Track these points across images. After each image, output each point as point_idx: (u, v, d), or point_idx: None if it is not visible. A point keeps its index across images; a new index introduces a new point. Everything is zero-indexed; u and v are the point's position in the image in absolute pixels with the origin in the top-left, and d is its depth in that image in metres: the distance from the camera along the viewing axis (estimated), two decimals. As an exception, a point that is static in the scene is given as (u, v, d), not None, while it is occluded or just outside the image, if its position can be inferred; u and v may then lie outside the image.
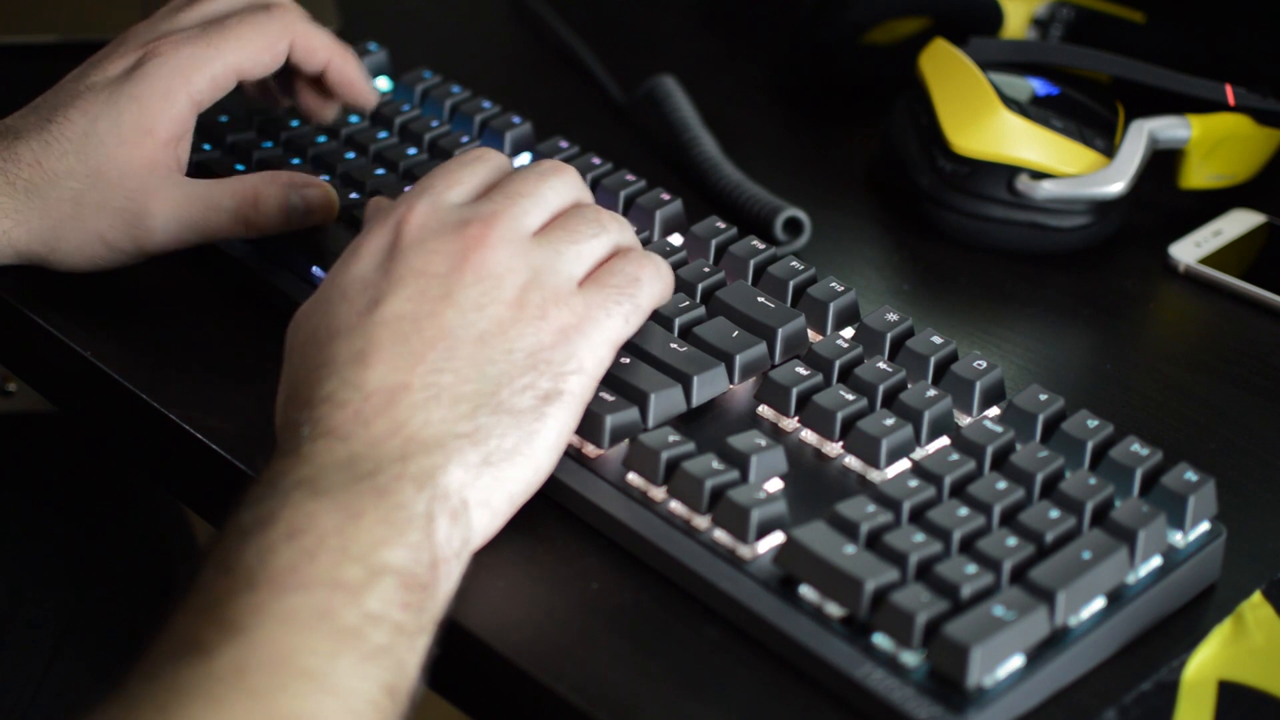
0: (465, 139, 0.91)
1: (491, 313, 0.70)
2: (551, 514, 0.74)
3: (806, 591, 0.68)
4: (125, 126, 0.81)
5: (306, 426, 0.68)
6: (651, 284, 0.74)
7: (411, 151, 0.89)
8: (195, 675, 0.60)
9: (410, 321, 0.69)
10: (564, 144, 0.90)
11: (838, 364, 0.76)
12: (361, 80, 0.88)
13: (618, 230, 0.75)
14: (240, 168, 0.88)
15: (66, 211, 0.81)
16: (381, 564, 0.64)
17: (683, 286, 0.80)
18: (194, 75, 0.82)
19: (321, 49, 0.86)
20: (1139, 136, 0.92)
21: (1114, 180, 0.91)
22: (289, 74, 0.88)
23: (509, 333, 0.70)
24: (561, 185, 0.75)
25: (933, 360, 0.77)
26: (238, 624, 0.61)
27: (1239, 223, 0.95)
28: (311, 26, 0.85)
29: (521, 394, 0.69)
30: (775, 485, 0.72)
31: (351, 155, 0.89)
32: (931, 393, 0.75)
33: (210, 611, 0.62)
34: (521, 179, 0.74)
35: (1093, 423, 0.73)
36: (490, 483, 0.68)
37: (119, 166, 0.81)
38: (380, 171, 0.88)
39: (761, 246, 0.83)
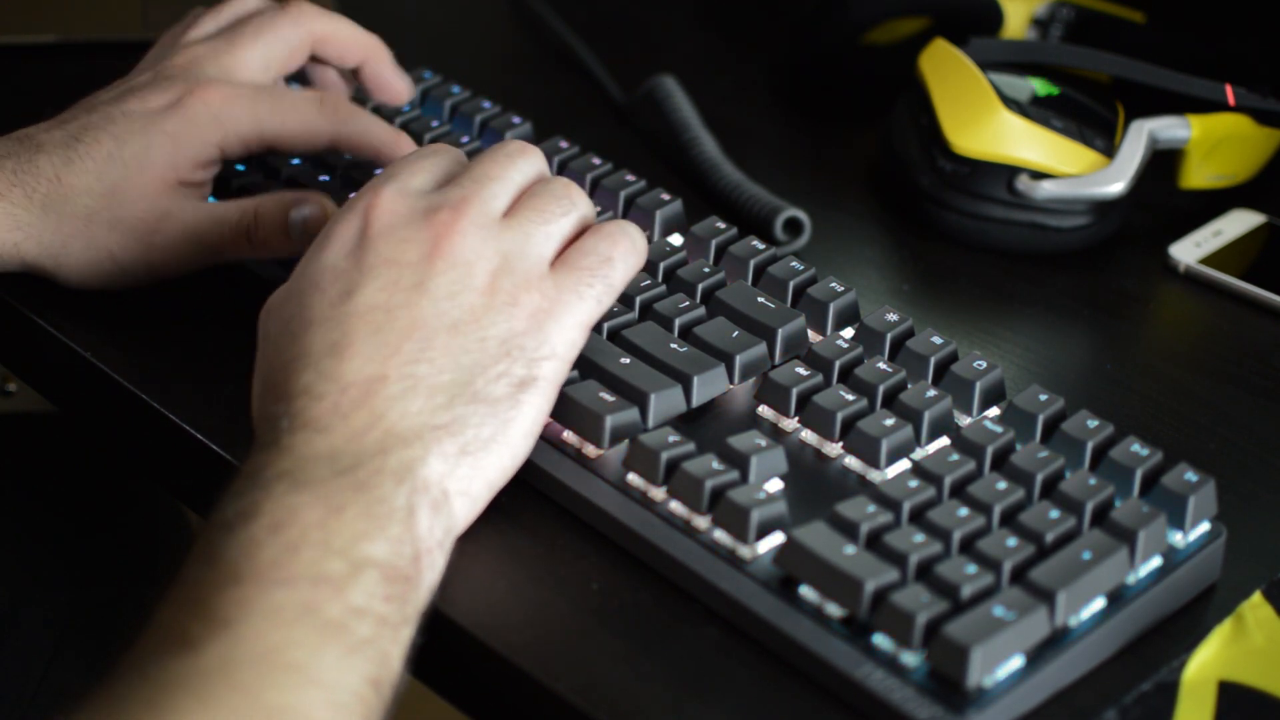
0: (465, 139, 0.91)
1: (464, 301, 0.70)
2: (552, 514, 0.74)
3: (806, 592, 0.68)
4: (152, 156, 0.82)
5: (285, 419, 0.68)
6: (625, 260, 0.74)
7: (411, 151, 0.89)
8: (183, 670, 0.60)
9: (384, 312, 0.70)
10: (564, 144, 0.90)
11: (838, 364, 0.76)
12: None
13: (586, 205, 0.75)
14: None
15: (78, 227, 0.81)
16: (363, 558, 0.64)
17: (683, 286, 0.80)
18: (230, 130, 0.83)
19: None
20: (1139, 136, 0.92)
21: (1114, 180, 0.91)
22: None
23: (481, 320, 0.70)
24: (527, 165, 0.76)
25: (933, 360, 0.77)
26: (224, 618, 0.62)
27: (1239, 223, 0.95)
28: (347, 111, 0.86)
29: (496, 382, 0.70)
30: (775, 485, 0.72)
31: (351, 155, 0.89)
32: (931, 393, 0.75)
33: (196, 605, 0.63)
34: (489, 161, 0.75)
35: (1093, 423, 0.73)
36: (469, 471, 0.68)
37: (137, 188, 0.81)
38: (380, 172, 0.88)
39: (761, 246, 0.83)
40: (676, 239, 0.85)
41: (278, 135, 0.84)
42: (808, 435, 0.75)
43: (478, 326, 0.70)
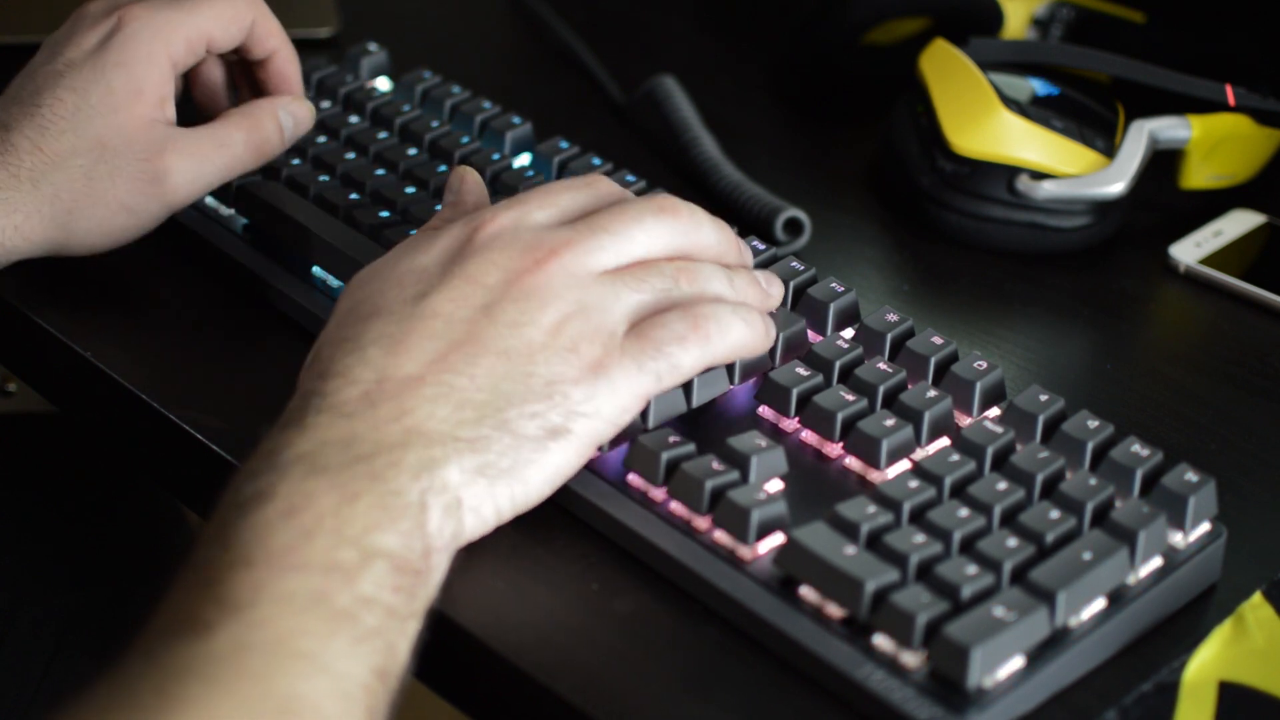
0: (465, 139, 0.91)
1: (525, 334, 0.69)
2: (551, 514, 0.73)
3: (807, 592, 0.68)
4: (117, 93, 0.81)
5: (317, 398, 0.68)
6: (699, 348, 0.72)
7: (412, 152, 0.89)
8: (194, 655, 0.60)
9: (444, 321, 0.69)
10: (564, 144, 0.90)
11: (838, 365, 0.76)
12: (299, 82, 0.89)
13: (693, 289, 0.73)
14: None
15: (80, 190, 0.81)
16: (374, 548, 0.64)
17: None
18: (171, 36, 0.83)
19: (274, 36, 0.87)
20: (1139, 136, 0.91)
21: (1114, 180, 0.91)
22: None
23: (535, 357, 0.69)
24: (660, 230, 0.73)
25: (933, 361, 0.77)
26: (236, 602, 0.62)
27: (1239, 223, 0.95)
28: (271, 13, 0.87)
29: (529, 420, 0.69)
30: (775, 486, 0.72)
31: (352, 155, 0.89)
32: (932, 393, 0.75)
33: (208, 588, 0.62)
34: (615, 215, 0.73)
35: (1093, 423, 0.73)
36: (482, 492, 0.68)
37: (120, 132, 0.81)
38: (380, 172, 0.88)
39: (761, 247, 0.82)
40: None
41: (213, 27, 0.84)
42: (808, 436, 0.75)
43: (529, 361, 0.69)
